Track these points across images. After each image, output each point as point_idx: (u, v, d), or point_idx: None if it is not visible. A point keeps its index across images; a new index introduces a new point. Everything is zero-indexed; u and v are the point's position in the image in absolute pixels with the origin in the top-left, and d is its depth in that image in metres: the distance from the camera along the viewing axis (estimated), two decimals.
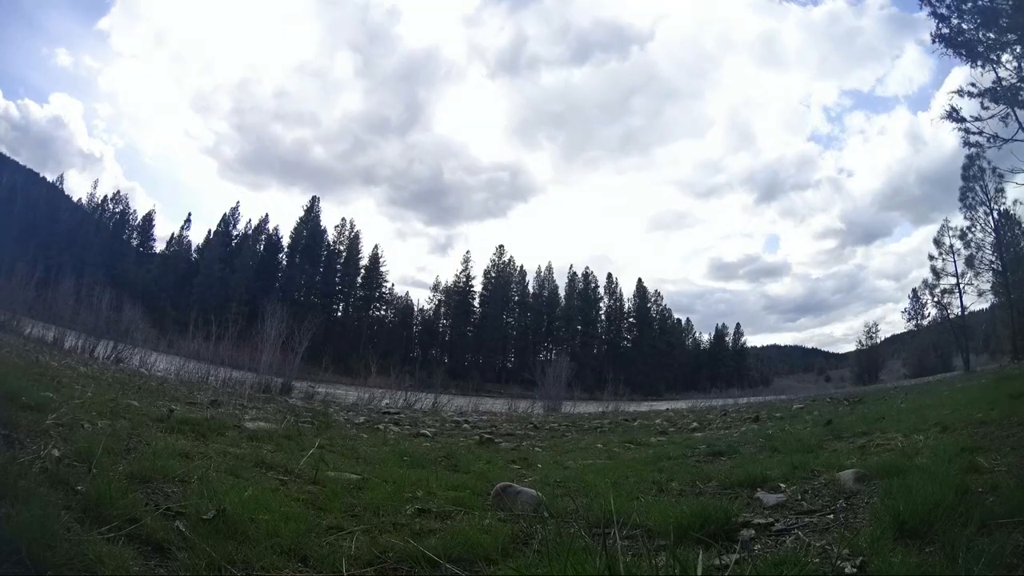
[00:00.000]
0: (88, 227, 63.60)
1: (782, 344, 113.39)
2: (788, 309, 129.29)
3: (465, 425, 10.47)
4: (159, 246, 71.08)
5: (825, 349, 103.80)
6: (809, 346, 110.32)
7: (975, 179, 38.32)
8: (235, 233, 70.45)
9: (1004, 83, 14.02)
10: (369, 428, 8.29)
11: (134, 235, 70.71)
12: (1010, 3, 13.24)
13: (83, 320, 17.00)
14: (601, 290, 79.32)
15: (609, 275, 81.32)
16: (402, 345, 68.34)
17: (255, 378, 13.97)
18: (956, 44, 14.22)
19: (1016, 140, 14.62)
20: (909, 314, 54.75)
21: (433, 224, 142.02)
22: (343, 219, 76.21)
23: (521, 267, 77.34)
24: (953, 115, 15.18)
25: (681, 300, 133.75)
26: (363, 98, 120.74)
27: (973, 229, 39.67)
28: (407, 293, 76.43)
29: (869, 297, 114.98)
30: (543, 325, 77.08)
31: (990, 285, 40.07)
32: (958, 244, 41.18)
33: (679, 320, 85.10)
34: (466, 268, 75.98)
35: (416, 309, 75.58)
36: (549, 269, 78.11)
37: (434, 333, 75.17)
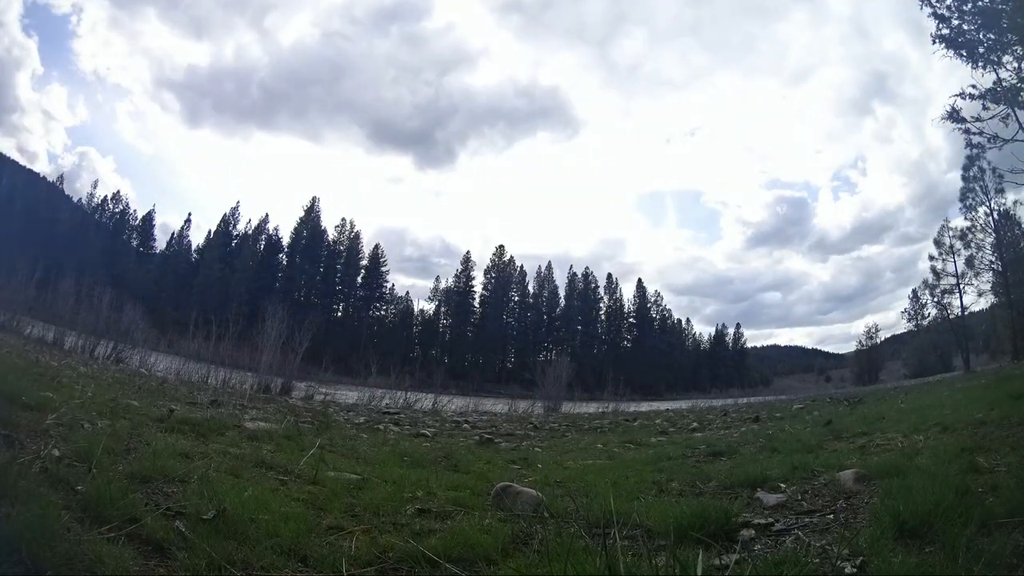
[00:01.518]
0: (88, 227, 63.60)
1: (782, 344, 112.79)
2: (830, 297, 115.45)
3: (465, 425, 10.47)
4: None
5: (826, 349, 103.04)
6: (810, 346, 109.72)
7: (975, 179, 38.37)
8: (235, 233, 70.44)
9: (1004, 84, 14.01)
10: (369, 428, 8.29)
11: (134, 235, 70.74)
12: (1010, 4, 13.23)
13: (83, 320, 16.98)
14: (601, 290, 79.37)
15: (609, 275, 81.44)
16: (402, 345, 68.24)
17: (255, 378, 13.97)
18: (957, 45, 14.20)
19: (1016, 140, 14.60)
20: (909, 314, 54.76)
21: (426, 167, 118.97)
22: (343, 219, 75.97)
23: (521, 267, 77.43)
24: (954, 116, 15.17)
25: (732, 290, 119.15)
26: None
27: (973, 229, 39.75)
28: (407, 293, 76.16)
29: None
30: (543, 325, 77.04)
31: (990, 285, 40.13)
32: (958, 244, 41.27)
33: (679, 320, 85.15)
34: (466, 268, 76.01)
35: (416, 309, 75.67)
36: (549, 269, 78.21)
37: (434, 333, 75.11)
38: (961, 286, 41.44)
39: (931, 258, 43.25)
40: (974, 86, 14.40)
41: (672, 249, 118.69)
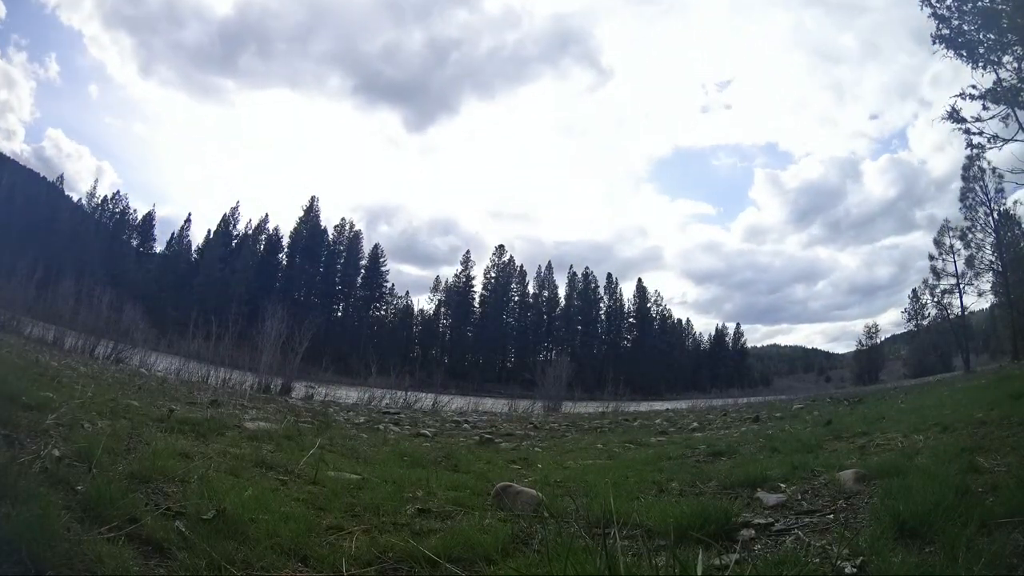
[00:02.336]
0: (88, 227, 63.60)
1: (783, 344, 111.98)
2: (855, 290, 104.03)
3: (465, 425, 10.47)
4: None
5: (827, 349, 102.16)
6: (810, 346, 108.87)
7: (975, 179, 38.44)
8: (235, 233, 70.48)
9: (1004, 84, 14.03)
10: (369, 428, 8.29)
11: (134, 235, 70.76)
12: (1010, 4, 13.24)
13: (83, 320, 17.01)
14: (601, 290, 79.40)
15: (609, 275, 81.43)
16: (402, 345, 68.27)
17: (255, 378, 13.99)
18: (957, 45, 14.23)
19: (1016, 140, 14.64)
20: (909, 314, 54.81)
21: (420, 128, 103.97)
22: (343, 219, 76.07)
23: (521, 267, 77.47)
24: (954, 116, 15.20)
25: (765, 279, 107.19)
26: None
27: (973, 229, 39.81)
28: (407, 293, 76.10)
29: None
30: (543, 325, 77.04)
31: (990, 285, 40.21)
32: (958, 244, 41.34)
33: (679, 320, 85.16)
34: (466, 268, 76.09)
35: (416, 309, 75.72)
36: (549, 268, 78.23)
37: (434, 333, 75.12)
38: (961, 286, 41.56)
39: (931, 258, 43.42)
40: (974, 86, 14.44)
41: (695, 229, 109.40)
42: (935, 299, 44.51)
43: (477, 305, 75.33)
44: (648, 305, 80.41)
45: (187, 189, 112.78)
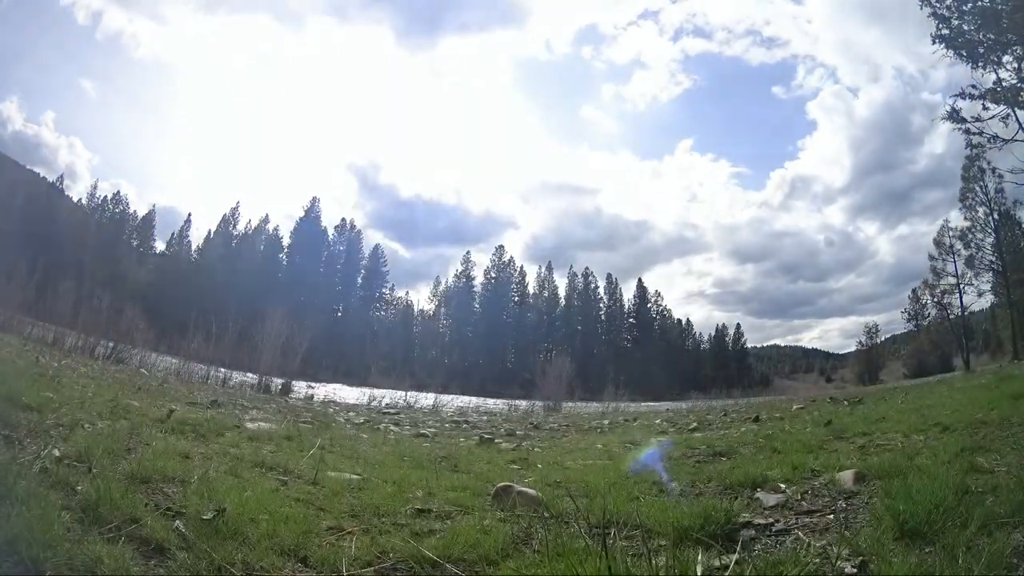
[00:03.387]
0: (88, 227, 63.59)
1: (783, 344, 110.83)
2: (890, 279, 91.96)
3: (465, 425, 10.47)
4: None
5: (826, 349, 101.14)
6: (810, 346, 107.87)
7: (975, 179, 38.44)
8: (235, 233, 70.51)
9: (1004, 84, 14.03)
10: (369, 428, 8.29)
11: (134, 235, 70.74)
12: (1010, 4, 13.25)
13: (83, 321, 17.01)
14: (601, 290, 79.45)
15: (609, 275, 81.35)
16: (402, 345, 68.29)
17: (255, 378, 14.00)
18: (957, 45, 14.22)
19: (1016, 140, 14.62)
20: (909, 314, 54.82)
21: (423, 47, 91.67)
22: (343, 219, 76.08)
23: (521, 267, 77.56)
24: (954, 116, 15.21)
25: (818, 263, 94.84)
26: None
27: (973, 230, 39.81)
28: (407, 293, 76.09)
29: None
30: (543, 325, 77.07)
31: (990, 285, 40.19)
32: (958, 244, 41.33)
33: (679, 320, 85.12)
34: (466, 268, 76.19)
35: (416, 309, 75.79)
36: (549, 269, 78.25)
37: (434, 333, 75.19)
38: (961, 286, 41.51)
39: (931, 258, 43.37)
40: (974, 86, 14.44)
41: (738, 198, 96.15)
42: (935, 299, 44.54)
43: (477, 305, 75.41)
44: (648, 305, 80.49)
45: (163, 164, 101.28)
